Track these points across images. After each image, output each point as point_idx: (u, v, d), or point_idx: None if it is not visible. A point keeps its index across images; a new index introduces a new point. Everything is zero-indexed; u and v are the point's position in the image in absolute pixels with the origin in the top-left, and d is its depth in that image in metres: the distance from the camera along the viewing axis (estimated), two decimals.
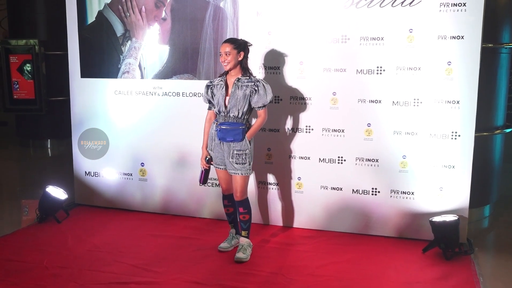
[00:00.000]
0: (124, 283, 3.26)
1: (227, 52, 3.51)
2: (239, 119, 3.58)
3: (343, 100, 4.06)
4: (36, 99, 7.63)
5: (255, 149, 4.28)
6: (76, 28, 4.70)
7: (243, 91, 3.55)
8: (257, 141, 4.27)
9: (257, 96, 3.55)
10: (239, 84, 3.57)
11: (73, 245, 3.90)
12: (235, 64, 3.55)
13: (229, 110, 3.57)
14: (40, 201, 4.47)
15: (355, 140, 4.06)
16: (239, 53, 3.54)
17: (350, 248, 3.86)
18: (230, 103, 3.56)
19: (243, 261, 3.61)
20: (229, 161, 3.60)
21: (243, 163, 3.59)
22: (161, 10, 4.43)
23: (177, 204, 4.61)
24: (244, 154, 3.59)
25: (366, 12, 3.91)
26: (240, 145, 3.58)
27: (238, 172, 3.60)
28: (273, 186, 4.33)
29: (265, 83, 3.62)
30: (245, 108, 3.57)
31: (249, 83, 3.57)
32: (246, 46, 3.60)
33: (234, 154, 3.58)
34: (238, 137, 3.57)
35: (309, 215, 4.25)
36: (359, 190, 4.11)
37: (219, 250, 3.79)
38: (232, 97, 3.56)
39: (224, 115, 3.59)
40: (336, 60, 4.03)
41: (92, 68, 4.73)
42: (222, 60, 3.53)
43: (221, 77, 3.67)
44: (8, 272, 3.42)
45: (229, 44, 3.53)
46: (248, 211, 3.71)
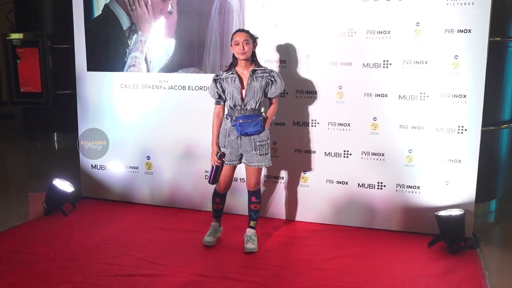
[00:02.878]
0: (130, 275, 3.28)
1: (245, 40, 3.47)
2: (256, 110, 3.57)
3: (349, 94, 4.05)
4: (42, 93, 7.66)
5: None
6: (83, 22, 4.71)
7: (259, 82, 3.55)
8: None
9: (274, 87, 3.59)
10: (255, 76, 3.56)
11: (80, 238, 3.92)
12: (250, 54, 3.54)
13: (246, 102, 3.54)
14: (47, 194, 4.50)
15: (361, 134, 4.05)
16: (254, 42, 3.55)
17: (355, 242, 3.86)
18: (247, 96, 3.54)
19: (254, 251, 3.63)
20: (253, 153, 3.57)
21: (266, 153, 3.60)
22: (167, 3, 4.43)
23: (183, 197, 4.62)
24: (266, 144, 3.60)
25: (373, 5, 3.89)
26: (261, 136, 3.57)
27: (261, 164, 3.60)
28: (278, 180, 4.33)
29: (277, 72, 3.67)
30: (261, 99, 3.59)
31: (264, 74, 3.57)
32: (255, 37, 3.62)
33: (258, 146, 3.57)
34: (260, 129, 3.55)
35: (314, 209, 4.26)
36: (365, 184, 4.11)
37: (204, 244, 3.75)
38: (248, 89, 3.54)
39: (240, 108, 3.55)
40: (342, 53, 4.02)
41: (98, 62, 4.74)
42: (241, 49, 3.47)
43: (229, 70, 3.61)
44: (15, 263, 3.45)
45: (245, 33, 3.52)
46: (259, 201, 3.74)
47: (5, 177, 6.25)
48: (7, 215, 4.60)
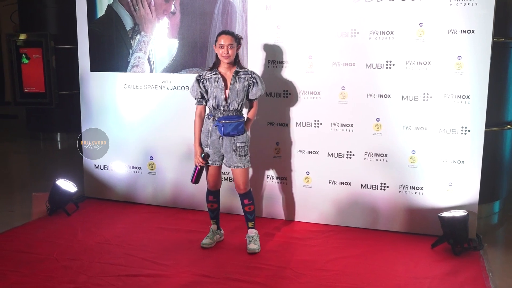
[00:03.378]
0: (133, 275, 3.29)
1: (230, 44, 3.48)
2: (238, 111, 3.59)
3: (352, 95, 4.04)
4: (46, 93, 7.68)
5: (263, 143, 4.30)
6: (86, 22, 4.72)
7: (241, 83, 3.57)
8: (265, 135, 4.29)
9: (255, 88, 3.61)
10: (238, 77, 3.57)
11: (83, 238, 3.93)
12: (234, 57, 3.55)
13: (229, 103, 3.56)
14: (50, 194, 4.51)
15: (364, 135, 4.05)
16: (238, 45, 3.57)
17: (358, 243, 3.86)
18: (230, 96, 3.55)
19: (257, 251, 3.63)
20: (232, 154, 3.59)
21: (245, 154, 3.61)
22: (170, 4, 4.44)
23: (185, 197, 4.63)
24: (246, 146, 3.62)
25: (376, 6, 3.88)
26: (242, 138, 3.59)
27: (240, 165, 3.60)
28: (281, 180, 4.33)
29: (258, 75, 3.69)
30: (244, 101, 3.60)
31: (246, 75, 3.60)
32: (240, 39, 3.62)
33: (237, 147, 3.58)
34: (242, 130, 3.58)
35: (317, 210, 4.25)
36: (368, 185, 4.10)
37: (202, 246, 3.74)
38: (232, 90, 3.55)
39: (223, 109, 3.56)
40: (345, 54, 4.01)
41: (101, 62, 4.75)
42: (225, 52, 3.47)
43: (212, 71, 3.61)
44: (19, 263, 3.46)
45: (231, 36, 3.51)
46: (252, 202, 3.73)
47: (8, 176, 6.27)
48: (10, 215, 4.62)
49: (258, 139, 4.30)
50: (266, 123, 4.28)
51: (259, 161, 4.33)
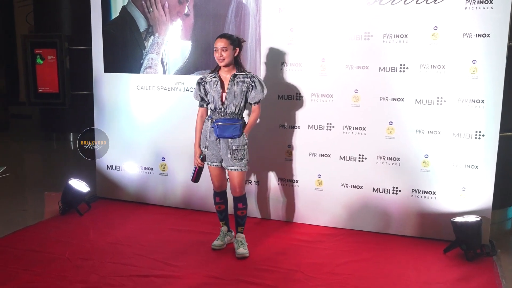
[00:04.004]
0: (144, 276, 3.30)
1: (223, 47, 3.46)
2: (236, 114, 3.56)
3: (365, 98, 4.03)
4: (60, 93, 7.75)
5: (275, 146, 4.30)
6: (100, 23, 4.76)
7: (239, 87, 3.53)
8: (277, 138, 4.28)
9: (254, 92, 3.55)
10: (236, 80, 3.55)
11: (95, 238, 3.95)
12: (231, 60, 3.52)
13: (226, 106, 3.54)
14: (63, 194, 4.55)
15: (377, 138, 4.03)
16: (234, 49, 3.51)
17: (370, 247, 3.84)
18: (227, 99, 3.53)
19: (246, 256, 3.62)
20: (228, 157, 3.57)
21: (242, 158, 3.58)
22: (184, 5, 4.46)
23: (197, 199, 4.63)
24: (242, 150, 3.58)
25: (390, 9, 3.86)
26: (238, 141, 3.56)
27: (237, 168, 3.58)
28: (293, 183, 4.32)
29: (260, 78, 3.63)
30: (242, 104, 3.57)
31: (245, 79, 3.55)
32: (240, 42, 3.59)
33: (233, 150, 3.56)
34: (237, 133, 3.54)
35: (329, 213, 4.24)
36: (380, 188, 4.08)
37: (213, 248, 3.75)
38: (229, 93, 3.53)
39: (220, 112, 3.56)
40: (358, 57, 4.00)
41: (115, 63, 4.78)
42: (218, 55, 3.47)
43: (213, 74, 3.62)
44: (32, 262, 3.49)
45: (225, 39, 3.48)
46: (246, 207, 3.72)
47: (22, 176, 6.33)
48: (23, 214, 4.66)
49: (269, 142, 4.30)
50: (278, 126, 4.28)
51: (271, 163, 4.33)
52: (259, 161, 4.36)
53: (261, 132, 4.32)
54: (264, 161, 4.36)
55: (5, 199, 4.99)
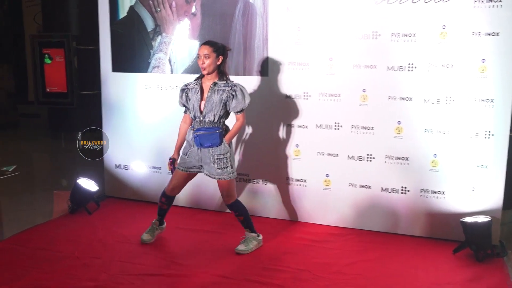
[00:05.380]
0: (153, 274, 3.31)
1: (206, 54, 3.42)
2: (215, 123, 3.50)
3: (373, 97, 4.01)
4: (68, 93, 7.77)
5: (283, 145, 4.29)
6: (108, 23, 4.78)
7: (219, 95, 3.47)
8: (285, 137, 4.28)
9: (235, 101, 3.48)
10: (216, 89, 3.49)
11: (104, 236, 3.97)
12: (214, 68, 3.47)
13: (205, 115, 3.49)
14: (72, 193, 4.57)
15: (385, 138, 4.01)
16: (218, 57, 3.46)
17: (378, 247, 3.83)
18: (206, 108, 3.48)
19: (242, 253, 3.64)
20: (211, 166, 3.53)
21: (225, 167, 3.52)
22: (191, 5, 4.46)
23: (204, 198, 4.64)
24: (225, 158, 3.52)
25: (398, 8, 3.85)
26: (219, 150, 3.51)
27: (221, 177, 3.54)
28: (300, 183, 4.31)
29: (243, 87, 3.54)
30: (221, 113, 3.50)
31: (226, 88, 3.49)
32: (225, 50, 3.54)
33: (215, 159, 3.51)
34: (216, 142, 3.49)
35: (337, 213, 4.23)
36: (388, 188, 4.06)
37: (141, 242, 3.82)
38: (208, 101, 3.48)
39: (199, 121, 3.51)
40: (366, 56, 3.99)
41: (123, 63, 4.80)
42: (201, 63, 3.45)
43: (196, 81, 3.59)
44: (41, 260, 3.51)
45: (209, 46, 3.45)
46: (240, 213, 3.69)
47: (30, 175, 6.36)
48: (33, 213, 4.69)
49: (277, 141, 4.30)
50: (286, 125, 4.28)
51: (279, 163, 4.33)
52: (267, 160, 4.36)
53: (269, 131, 4.32)
54: (272, 160, 4.35)
55: (14, 198, 5.02)
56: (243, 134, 4.41)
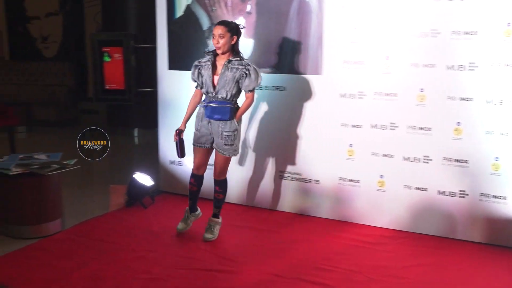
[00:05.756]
0: (206, 270, 3.36)
1: (220, 34, 3.51)
2: (227, 100, 3.60)
3: (431, 97, 3.90)
4: (125, 90, 8.00)
5: (336, 144, 4.25)
6: (165, 22, 4.89)
7: (232, 73, 3.56)
8: (338, 137, 4.23)
9: (248, 80, 3.57)
10: (229, 66, 3.57)
11: (158, 230, 4.07)
12: (228, 47, 3.56)
13: (218, 91, 3.59)
14: (128, 187, 4.71)
15: (443, 139, 3.89)
16: (232, 36, 3.55)
17: (434, 252, 3.71)
18: (219, 84, 3.58)
19: (210, 240, 3.78)
20: (219, 141, 3.65)
21: (231, 144, 3.65)
22: (246, 4, 4.49)
23: (257, 196, 4.66)
24: (233, 135, 3.63)
25: (459, 5, 3.71)
26: (228, 126, 3.61)
27: (226, 153, 3.68)
28: (354, 183, 4.25)
29: (256, 67, 3.64)
30: (234, 91, 3.60)
31: (240, 66, 3.57)
32: (239, 29, 3.61)
33: (224, 135, 3.62)
34: (226, 116, 3.57)
35: (390, 215, 4.14)
36: (446, 191, 3.93)
37: (177, 231, 3.94)
38: (221, 78, 3.57)
39: (212, 96, 3.61)
40: (424, 55, 3.88)
41: (178, 61, 4.89)
42: (215, 42, 3.53)
43: (209, 57, 3.66)
44: (99, 251, 3.64)
45: (223, 26, 3.53)
46: (223, 191, 3.86)
47: (90, 169, 6.61)
48: (92, 205, 4.87)
49: (330, 140, 4.26)
50: (339, 124, 4.23)
51: (332, 162, 4.29)
52: (320, 160, 4.33)
53: (322, 130, 4.28)
54: (325, 160, 4.32)
55: (75, 190, 5.23)
56: (296, 132, 4.39)
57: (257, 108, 4.54)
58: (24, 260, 3.50)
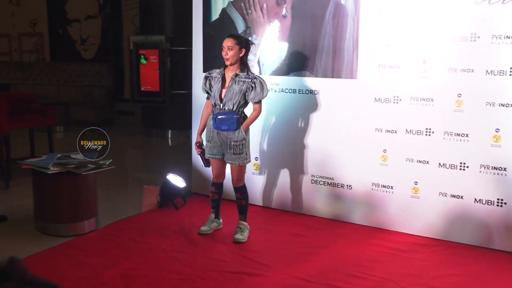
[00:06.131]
0: (235, 272, 3.37)
1: (229, 46, 3.63)
2: (234, 111, 3.70)
3: (469, 103, 3.80)
4: (160, 92, 8.14)
5: (369, 149, 4.19)
6: (201, 25, 4.93)
7: (239, 86, 3.66)
8: (372, 142, 4.17)
9: (253, 93, 3.67)
10: (237, 79, 3.68)
11: (190, 232, 4.10)
12: (236, 59, 3.67)
13: (225, 103, 3.69)
14: (161, 188, 4.77)
15: (481, 146, 3.78)
16: (240, 49, 3.66)
17: (470, 261, 3.61)
18: (226, 97, 3.68)
19: (241, 241, 3.83)
20: (228, 151, 3.75)
21: (240, 153, 3.73)
22: (281, 7, 4.49)
23: (289, 200, 4.64)
24: (241, 145, 3.72)
25: (501, 9, 3.61)
26: (236, 136, 3.69)
27: (235, 163, 3.76)
28: (387, 189, 4.19)
29: (262, 80, 3.73)
30: (241, 103, 3.70)
31: (246, 79, 3.67)
32: (248, 43, 3.72)
33: (232, 145, 3.71)
34: (233, 126, 3.67)
35: (425, 222, 4.05)
36: (482, 200, 3.82)
37: (199, 233, 4.00)
38: (228, 91, 3.68)
39: (219, 108, 3.72)
40: (463, 59, 3.78)
41: (213, 64, 4.90)
42: (224, 54, 3.65)
43: (220, 70, 3.77)
44: (132, 250, 3.70)
45: (232, 39, 3.66)
46: (244, 197, 3.92)
47: (124, 169, 6.74)
48: (125, 205, 4.96)
49: (364, 145, 4.21)
50: (373, 129, 4.17)
51: (365, 167, 4.23)
52: (353, 164, 4.28)
53: (355, 135, 4.23)
54: (358, 165, 4.27)
55: (110, 190, 5.34)
56: (329, 136, 4.35)
57: (291, 112, 4.53)
58: (59, 257, 3.59)
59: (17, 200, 4.91)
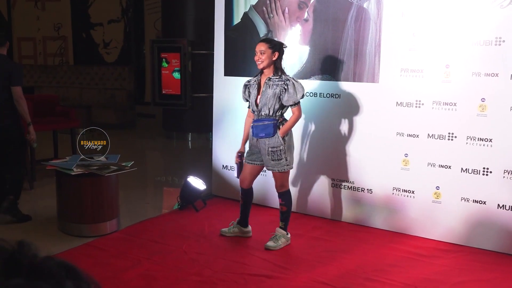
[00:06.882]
0: (255, 275, 3.38)
1: (262, 51, 3.62)
2: (270, 116, 3.66)
3: (493, 107, 3.75)
4: (181, 95, 8.21)
5: (391, 154, 4.16)
6: (223, 29, 4.96)
7: (273, 90, 3.63)
8: (394, 146, 4.14)
9: (287, 95, 3.61)
10: (270, 83, 3.66)
11: (210, 234, 4.13)
12: (269, 63, 3.64)
13: (260, 108, 3.68)
14: (182, 190, 4.81)
15: (505, 151, 3.72)
16: (273, 53, 3.63)
17: (492, 267, 3.55)
18: (261, 102, 3.68)
19: (271, 249, 3.76)
20: (266, 158, 3.70)
21: (279, 159, 3.67)
22: (303, 11, 4.49)
23: (309, 203, 4.64)
24: (278, 151, 3.65)
25: None
26: (274, 142, 3.65)
27: (274, 169, 3.71)
28: (408, 194, 4.15)
29: (295, 81, 3.67)
30: (276, 106, 3.65)
31: (279, 82, 3.64)
32: (282, 47, 3.69)
33: (270, 152, 3.67)
34: (270, 132, 3.64)
35: (446, 227, 4.00)
36: (506, 205, 3.77)
37: (220, 233, 4.05)
38: (262, 96, 3.67)
39: (257, 114, 3.72)
40: (487, 63, 3.74)
41: (235, 67, 4.96)
42: (257, 58, 3.65)
43: (256, 77, 3.77)
44: (152, 252, 3.74)
45: (265, 43, 3.65)
46: (286, 203, 3.83)
47: (145, 171, 6.81)
48: (146, 207, 5.02)
49: (385, 149, 4.18)
50: (395, 133, 4.14)
51: (386, 172, 4.20)
52: (373, 169, 4.26)
53: (376, 139, 4.21)
54: (379, 169, 4.24)
55: (131, 192, 5.39)
56: (350, 140, 4.34)
57: (311, 115, 4.52)
58: (81, 257, 3.64)
59: (41, 200, 5.01)
